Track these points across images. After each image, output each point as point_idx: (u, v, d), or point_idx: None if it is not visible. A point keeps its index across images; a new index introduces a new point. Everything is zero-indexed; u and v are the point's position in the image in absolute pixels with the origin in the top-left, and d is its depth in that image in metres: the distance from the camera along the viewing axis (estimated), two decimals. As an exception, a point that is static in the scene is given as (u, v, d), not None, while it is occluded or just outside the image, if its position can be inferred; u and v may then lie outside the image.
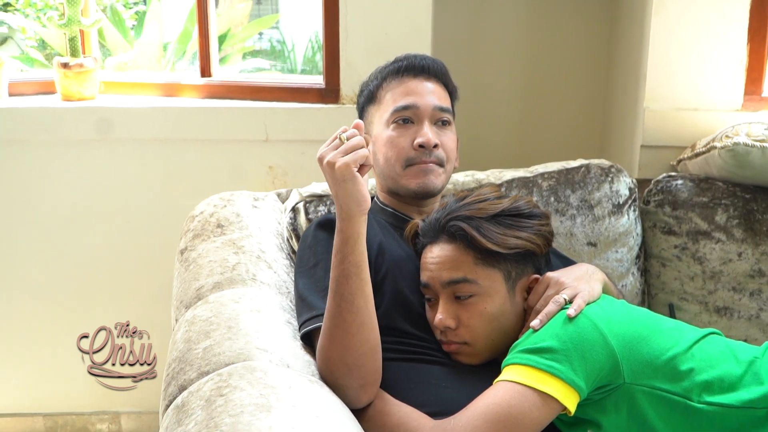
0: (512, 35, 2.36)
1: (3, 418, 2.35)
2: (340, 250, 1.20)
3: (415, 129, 1.45)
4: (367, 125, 1.53)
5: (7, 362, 2.33)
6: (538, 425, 1.14)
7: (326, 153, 1.19)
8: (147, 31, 2.89)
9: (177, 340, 1.30)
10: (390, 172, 1.47)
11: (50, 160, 2.20)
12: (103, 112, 2.18)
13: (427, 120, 1.45)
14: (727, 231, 1.68)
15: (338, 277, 1.20)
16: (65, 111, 2.16)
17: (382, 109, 1.49)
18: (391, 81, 1.50)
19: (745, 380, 1.18)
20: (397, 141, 1.45)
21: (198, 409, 1.04)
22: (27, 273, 2.30)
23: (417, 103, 1.45)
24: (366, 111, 1.54)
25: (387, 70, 1.52)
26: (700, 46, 1.94)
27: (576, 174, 1.74)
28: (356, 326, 1.19)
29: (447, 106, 1.49)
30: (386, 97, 1.49)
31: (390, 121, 1.46)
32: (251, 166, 2.19)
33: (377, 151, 1.49)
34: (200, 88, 2.28)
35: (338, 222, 1.21)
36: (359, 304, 1.19)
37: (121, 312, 1.57)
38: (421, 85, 1.48)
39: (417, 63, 1.49)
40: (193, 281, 1.47)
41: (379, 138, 1.49)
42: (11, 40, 4.37)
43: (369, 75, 1.56)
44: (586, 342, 1.17)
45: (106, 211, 2.26)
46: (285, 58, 4.75)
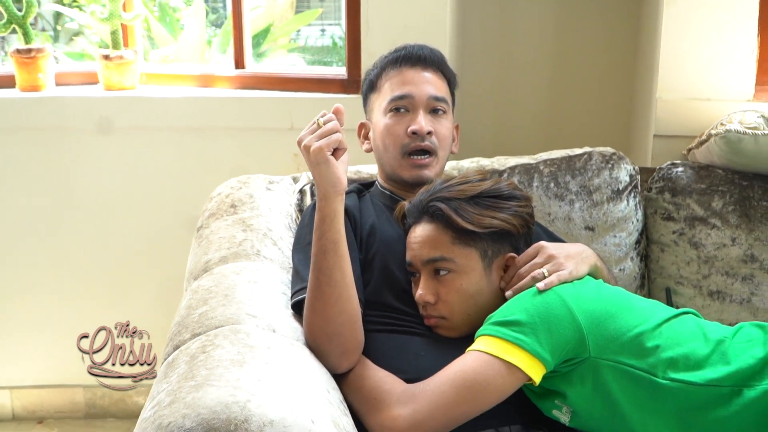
0: (538, 26, 2.40)
1: (45, 389, 2.50)
2: (319, 228, 1.29)
3: (410, 117, 1.53)
4: (369, 112, 1.62)
5: (48, 336, 2.47)
6: (502, 393, 1.21)
7: (304, 137, 1.27)
8: (188, 27, 3.03)
9: (181, 307, 1.41)
10: (387, 158, 1.56)
11: (88, 147, 2.35)
12: (140, 102, 2.32)
13: (422, 109, 1.53)
14: (722, 217, 1.71)
15: (317, 253, 1.29)
16: (105, 100, 2.31)
17: (381, 97, 1.58)
18: (390, 71, 1.57)
19: (711, 359, 1.21)
20: (393, 129, 1.53)
21: (182, 363, 1.14)
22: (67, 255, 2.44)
23: (412, 92, 1.53)
24: (368, 99, 1.63)
25: (386, 59, 1.60)
26: (711, 36, 1.95)
27: (578, 161, 1.79)
28: (334, 298, 1.27)
29: (442, 95, 1.56)
30: (385, 86, 1.57)
31: (387, 109, 1.55)
32: (277, 154, 2.30)
33: (376, 137, 1.58)
34: (233, 79, 2.40)
35: (317, 201, 1.29)
36: (336, 277, 1.28)
37: (121, 312, 1.64)
38: (418, 75, 1.55)
39: (414, 53, 1.57)
40: (203, 255, 1.58)
41: (377, 125, 1.57)
42: (82, 35, 4.59)
43: (372, 63, 1.64)
44: (553, 316, 1.23)
45: (132, 202, 2.38)
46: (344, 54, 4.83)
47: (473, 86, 2.45)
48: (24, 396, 2.50)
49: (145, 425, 1.01)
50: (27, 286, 2.45)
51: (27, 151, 2.35)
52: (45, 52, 2.32)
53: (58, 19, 4.63)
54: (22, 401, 2.51)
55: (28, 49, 2.30)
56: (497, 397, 1.21)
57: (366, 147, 1.65)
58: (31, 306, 2.46)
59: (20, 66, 2.31)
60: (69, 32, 4.67)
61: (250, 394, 1.01)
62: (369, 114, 1.63)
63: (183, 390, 1.04)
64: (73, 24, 4.42)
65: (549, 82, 2.43)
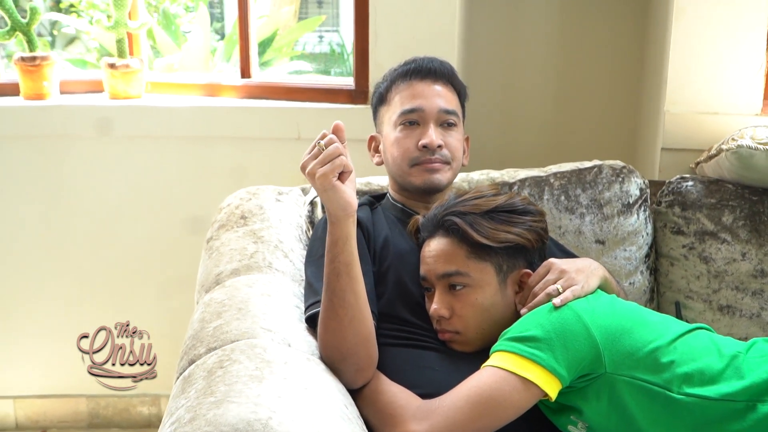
0: (544, 37, 2.41)
1: (48, 399, 2.49)
2: (331, 250, 1.27)
3: (421, 130, 1.53)
4: (379, 125, 1.62)
5: (51, 345, 2.46)
6: (519, 409, 1.21)
7: (307, 163, 1.23)
8: (193, 35, 3.03)
9: (194, 321, 1.41)
10: (397, 170, 1.56)
11: (93, 155, 2.35)
12: (145, 111, 2.32)
13: (433, 122, 1.53)
14: (732, 232, 1.71)
15: (329, 275, 1.28)
16: (111, 109, 2.31)
17: (391, 110, 1.57)
18: (400, 84, 1.57)
19: (726, 374, 1.22)
20: (403, 142, 1.53)
21: (200, 379, 1.14)
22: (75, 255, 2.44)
23: (423, 106, 1.53)
24: (378, 111, 1.63)
25: (396, 72, 1.59)
26: (720, 50, 1.96)
27: (588, 174, 1.79)
28: (348, 320, 1.27)
29: (453, 108, 1.56)
30: (395, 99, 1.57)
31: (397, 122, 1.54)
32: (284, 164, 2.28)
33: (386, 150, 1.58)
34: (239, 88, 2.40)
35: (328, 224, 1.28)
36: (350, 300, 1.27)
37: (121, 312, 1.64)
38: (428, 88, 1.55)
39: (425, 66, 1.57)
40: (214, 267, 1.57)
41: (387, 138, 1.57)
42: (78, 41, 4.59)
43: (382, 76, 1.64)
44: (569, 332, 1.23)
45: (136, 209, 2.38)
46: (344, 61, 4.85)
47: (479, 98, 2.45)
48: (27, 406, 2.49)
49: (165, 443, 1.00)
50: (31, 293, 2.45)
51: (31, 159, 2.35)
52: (50, 59, 2.31)
53: (54, 24, 4.62)
54: (25, 411, 2.49)
55: (33, 56, 2.30)
56: (514, 413, 1.21)
57: (377, 160, 1.64)
58: (34, 314, 2.46)
59: (25, 74, 2.31)
60: (65, 37, 4.66)
61: (271, 411, 1.01)
62: (379, 127, 1.63)
63: (203, 406, 1.04)
64: (70, 29, 4.42)
65: (555, 94, 2.44)
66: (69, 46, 4.54)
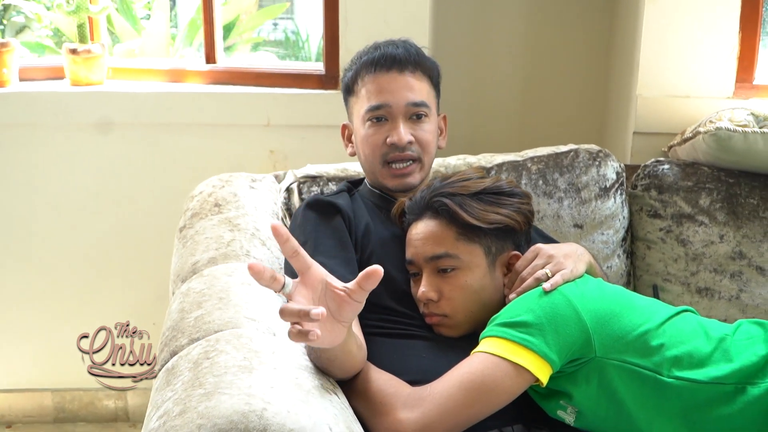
0: (513, 24, 2.39)
1: (12, 394, 2.42)
2: None
3: (389, 126, 1.48)
4: (350, 115, 1.58)
5: (15, 339, 2.39)
6: (510, 394, 1.19)
7: None
8: (153, 21, 2.95)
9: (172, 311, 1.36)
10: (369, 167, 1.54)
11: (57, 144, 2.27)
12: (109, 97, 2.25)
13: (401, 117, 1.48)
14: (710, 214, 1.72)
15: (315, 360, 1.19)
16: (73, 96, 2.23)
17: (359, 103, 1.52)
18: (365, 75, 1.51)
19: (714, 357, 1.22)
20: (372, 139, 1.49)
21: (186, 370, 1.10)
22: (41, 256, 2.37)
23: (389, 101, 1.47)
24: (347, 101, 1.58)
25: (361, 62, 1.53)
26: (692, 34, 1.97)
27: (565, 158, 1.79)
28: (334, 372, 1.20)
29: (421, 99, 1.50)
30: (362, 92, 1.51)
31: (365, 118, 1.50)
32: (253, 150, 2.25)
33: (357, 144, 1.55)
34: (205, 74, 2.34)
35: None
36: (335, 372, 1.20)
37: (121, 312, 1.61)
38: (393, 82, 1.48)
39: (389, 54, 1.49)
40: (190, 256, 1.53)
41: (357, 132, 1.54)
42: (28, 29, 4.46)
43: (348, 61, 1.58)
44: (559, 317, 1.22)
45: (107, 201, 2.31)
46: (299, 48, 4.79)
47: (450, 83, 2.42)
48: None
49: (156, 438, 0.96)
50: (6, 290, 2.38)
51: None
52: (9, 46, 2.22)
53: (4, 12, 4.50)
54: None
55: (-9, 43, 2.21)
56: (506, 399, 1.20)
57: (350, 151, 1.60)
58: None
59: (-18, 61, 2.22)
60: (15, 26, 4.53)
61: (265, 402, 0.97)
62: (350, 117, 1.58)
63: (193, 399, 1.00)
64: (20, 18, 4.29)
65: (526, 79, 2.44)
66: (20, 34, 4.42)
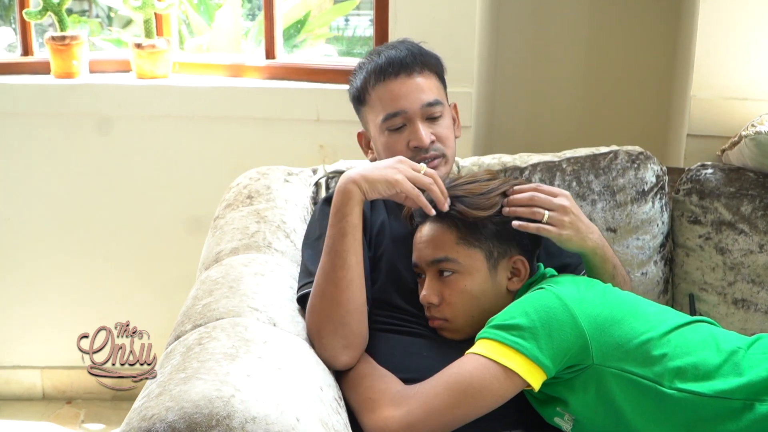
0: (574, 20, 2.34)
1: (74, 371, 2.54)
2: (340, 209, 1.29)
3: (409, 131, 1.47)
4: (364, 124, 1.58)
5: (77, 318, 2.49)
6: (499, 397, 1.18)
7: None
8: (222, 16, 3.05)
9: (189, 298, 1.42)
10: None
11: (117, 134, 2.38)
12: (170, 91, 2.34)
13: (419, 119, 1.47)
14: (750, 222, 1.64)
15: (335, 234, 1.29)
16: (136, 89, 2.34)
17: (373, 112, 1.51)
18: (375, 84, 1.49)
19: (723, 370, 1.17)
20: (394, 146, 1.48)
21: (178, 355, 1.15)
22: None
23: (405, 107, 1.46)
24: (359, 111, 1.57)
25: (366, 71, 1.51)
26: (749, 34, 1.89)
27: (602, 160, 1.74)
28: (346, 282, 1.27)
29: (434, 97, 1.49)
30: (374, 102, 1.50)
31: (383, 127, 1.49)
32: (304, 145, 2.30)
33: (379, 152, 1.53)
34: (263, 69, 2.41)
35: (344, 183, 1.29)
36: (351, 261, 1.28)
37: (121, 312, 1.63)
38: (404, 86, 1.47)
39: (395, 59, 1.48)
40: (216, 246, 1.58)
41: (377, 141, 1.53)
42: (134, 23, 4.68)
43: (353, 71, 1.56)
44: (554, 321, 1.19)
45: (151, 192, 2.41)
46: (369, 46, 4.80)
47: (505, 81, 2.41)
48: (54, 376, 2.55)
49: (132, 416, 1.01)
50: (57, 271, 2.50)
51: (54, 137, 2.40)
52: (79, 39, 2.35)
53: (89, 10, 4.73)
54: (52, 381, 2.56)
55: (63, 36, 2.34)
56: (493, 402, 1.18)
57: (371, 157, 1.60)
58: (63, 289, 2.51)
59: (55, 53, 2.35)
60: (123, 19, 4.76)
61: (235, 389, 1.01)
62: (365, 126, 1.58)
63: (172, 382, 1.04)
64: (126, 11, 4.49)
65: (583, 77, 2.38)
66: (127, 26, 4.64)
